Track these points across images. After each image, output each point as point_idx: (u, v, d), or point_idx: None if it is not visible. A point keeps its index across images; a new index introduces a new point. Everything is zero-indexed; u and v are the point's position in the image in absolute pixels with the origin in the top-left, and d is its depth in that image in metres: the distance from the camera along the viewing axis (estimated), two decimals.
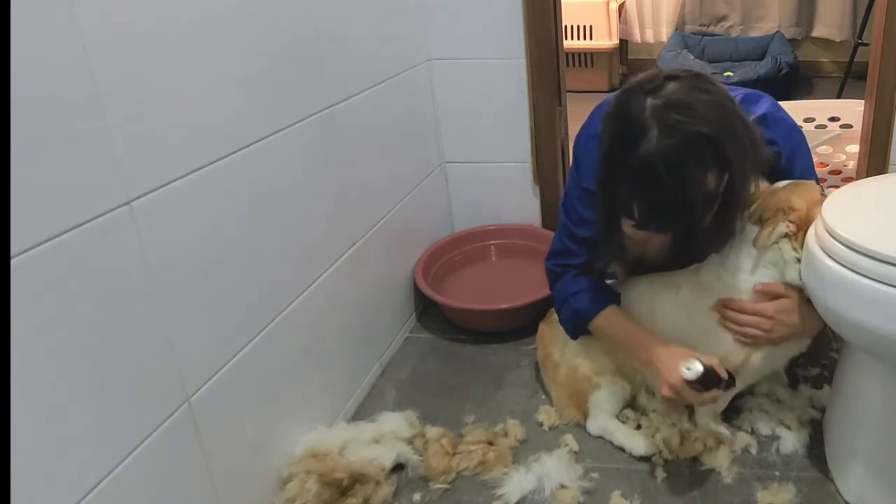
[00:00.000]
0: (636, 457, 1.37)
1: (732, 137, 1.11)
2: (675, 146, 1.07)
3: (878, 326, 1.04)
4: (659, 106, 1.09)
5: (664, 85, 1.11)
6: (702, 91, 1.11)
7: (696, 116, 1.08)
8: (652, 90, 1.10)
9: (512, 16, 1.80)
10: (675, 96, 1.09)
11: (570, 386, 1.46)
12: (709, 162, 1.10)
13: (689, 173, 1.09)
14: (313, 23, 1.34)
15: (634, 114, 1.10)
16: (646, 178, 1.09)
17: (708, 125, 1.08)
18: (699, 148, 1.08)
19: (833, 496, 1.27)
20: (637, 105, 1.10)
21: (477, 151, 1.98)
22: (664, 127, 1.07)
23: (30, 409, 0.81)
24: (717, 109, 1.11)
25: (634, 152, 1.09)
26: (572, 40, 3.82)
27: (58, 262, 0.83)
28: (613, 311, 1.38)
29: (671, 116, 1.08)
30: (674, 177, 1.08)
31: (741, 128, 1.14)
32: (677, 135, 1.07)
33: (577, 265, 1.42)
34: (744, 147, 1.13)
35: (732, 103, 1.15)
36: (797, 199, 1.24)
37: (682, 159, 1.08)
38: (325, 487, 1.24)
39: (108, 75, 0.89)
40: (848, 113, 2.46)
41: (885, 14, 1.63)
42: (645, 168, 1.08)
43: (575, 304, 1.40)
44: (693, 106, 1.08)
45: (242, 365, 1.17)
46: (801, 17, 3.85)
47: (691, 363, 1.19)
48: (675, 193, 1.09)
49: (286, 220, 1.28)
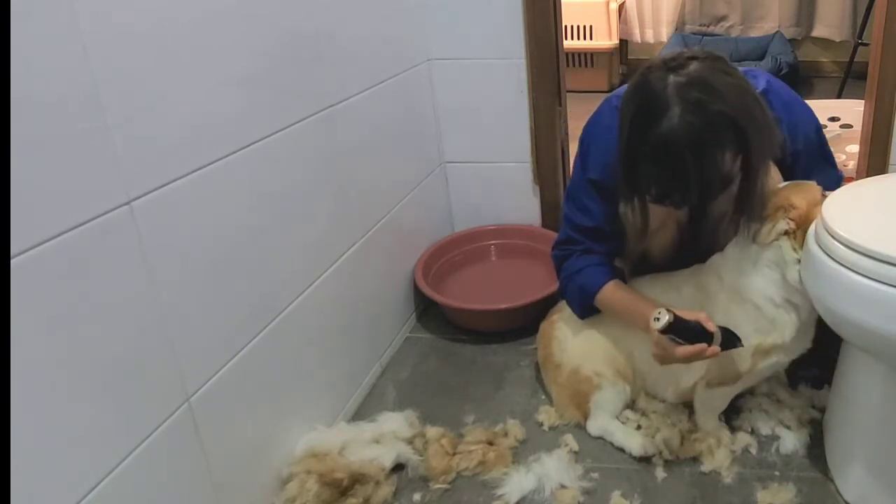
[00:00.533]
0: (636, 457, 1.37)
1: (752, 120, 1.12)
2: (697, 123, 1.08)
3: (878, 326, 1.04)
4: (682, 83, 1.09)
5: (687, 63, 1.12)
6: (724, 72, 1.12)
7: (719, 96, 1.09)
8: (675, 68, 1.11)
9: (512, 16, 1.80)
10: (697, 74, 1.10)
11: (571, 387, 1.46)
12: (728, 142, 1.11)
13: (709, 151, 1.10)
14: (313, 23, 1.34)
15: (657, 90, 1.11)
16: (666, 154, 1.10)
17: (729, 106, 1.09)
18: (720, 127, 1.09)
19: (833, 496, 1.27)
20: (660, 82, 1.11)
21: (477, 151, 1.98)
22: (687, 104, 1.08)
23: (30, 409, 0.81)
24: (737, 91, 1.12)
25: (656, 128, 1.09)
26: (572, 40, 3.82)
27: (58, 262, 0.83)
28: (616, 284, 1.39)
29: (694, 94, 1.08)
30: (694, 153, 1.09)
31: (759, 112, 1.15)
32: (699, 112, 1.08)
33: (580, 249, 1.43)
34: (761, 131, 1.14)
35: (751, 87, 1.16)
36: (797, 197, 1.25)
37: (703, 137, 1.09)
38: (325, 487, 1.24)
39: (108, 75, 0.89)
40: (848, 113, 2.46)
41: (885, 14, 1.63)
42: (666, 143, 1.09)
43: (579, 281, 1.41)
44: (716, 85, 1.09)
45: (242, 365, 1.17)
46: (801, 17, 3.86)
47: (660, 313, 1.19)
48: (694, 170, 1.10)
49: (286, 220, 1.28)
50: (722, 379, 1.33)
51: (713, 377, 1.34)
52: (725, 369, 1.31)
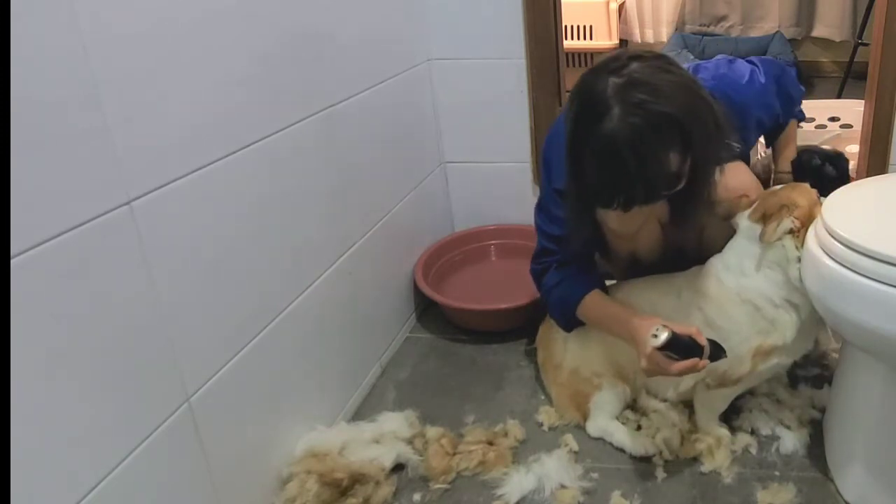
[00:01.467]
0: (636, 457, 1.37)
1: (696, 119, 1.11)
2: (638, 124, 1.07)
3: (878, 326, 1.05)
4: (621, 84, 1.08)
5: (628, 64, 1.11)
6: (665, 71, 1.11)
7: (660, 96, 1.08)
8: (615, 69, 1.11)
9: (512, 16, 1.80)
10: (638, 75, 1.09)
11: (571, 387, 1.46)
12: (671, 142, 1.10)
13: (652, 151, 1.09)
14: (313, 23, 1.34)
15: (597, 92, 1.10)
16: (608, 156, 1.09)
17: (671, 104, 1.08)
18: (662, 127, 1.08)
19: (833, 496, 1.27)
20: (600, 84, 1.10)
21: (477, 151, 1.98)
22: (627, 105, 1.07)
23: (30, 408, 0.81)
24: (681, 90, 1.10)
25: (597, 130, 1.09)
26: (572, 40, 3.81)
27: (58, 262, 0.83)
28: (596, 295, 1.38)
29: (635, 95, 1.07)
30: (636, 154, 1.08)
31: (705, 111, 1.13)
32: (640, 113, 1.07)
33: (556, 261, 1.43)
34: (707, 130, 1.13)
35: (696, 86, 1.15)
36: (800, 197, 1.25)
37: (645, 137, 1.07)
38: (325, 487, 1.24)
39: (108, 75, 0.89)
40: (848, 113, 2.46)
41: (885, 14, 1.63)
42: (607, 145, 1.08)
43: (559, 294, 1.41)
44: (657, 85, 1.08)
45: (242, 365, 1.17)
46: (801, 17, 3.85)
47: (659, 330, 1.18)
48: (638, 171, 1.09)
49: (286, 219, 1.28)
50: (722, 381, 1.33)
51: (714, 379, 1.34)
52: (726, 372, 1.31)
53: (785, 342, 1.27)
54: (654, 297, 1.38)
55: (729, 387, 1.34)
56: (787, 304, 1.26)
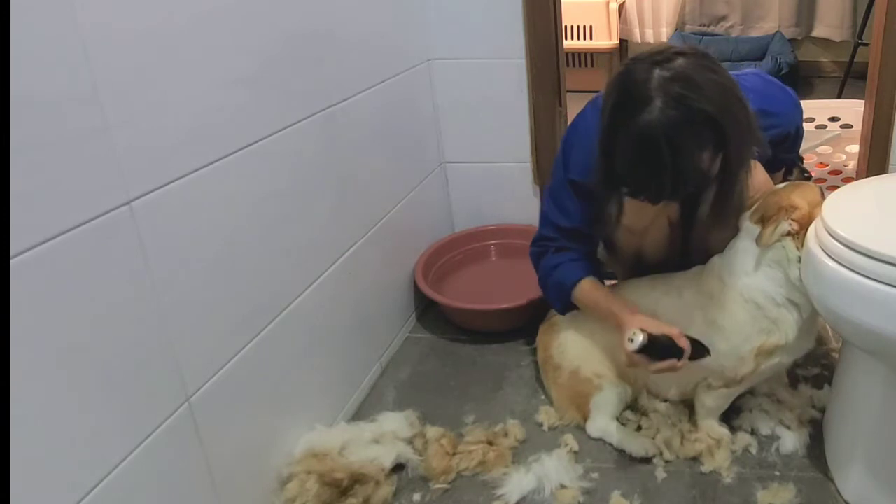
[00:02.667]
0: (636, 458, 1.37)
1: (733, 120, 1.12)
2: (678, 118, 1.08)
3: (878, 326, 1.04)
4: (666, 78, 1.10)
5: (673, 59, 1.12)
6: (709, 70, 1.13)
7: (702, 93, 1.09)
8: (661, 62, 1.12)
9: (512, 16, 1.80)
10: (682, 70, 1.10)
11: (571, 388, 1.46)
12: (707, 139, 1.11)
13: (687, 147, 1.10)
14: (313, 23, 1.34)
15: (640, 82, 1.11)
16: (644, 146, 1.11)
17: (712, 104, 1.10)
18: (700, 124, 1.10)
19: (833, 496, 1.27)
20: (644, 74, 1.11)
21: (477, 151, 1.98)
22: (668, 98, 1.09)
23: (30, 409, 0.80)
24: (721, 90, 1.12)
25: (636, 119, 1.10)
26: (572, 40, 3.81)
27: (58, 262, 0.83)
28: (591, 282, 1.39)
29: (676, 89, 1.09)
30: (672, 148, 1.09)
31: (742, 113, 1.15)
32: (681, 108, 1.08)
33: (555, 246, 1.44)
34: (742, 132, 1.15)
35: (736, 88, 1.16)
36: (799, 198, 1.25)
37: (682, 132, 1.09)
38: (325, 487, 1.24)
39: (108, 75, 0.89)
40: (848, 113, 2.46)
41: (885, 14, 1.63)
42: (645, 136, 1.10)
43: (556, 277, 1.42)
44: (699, 83, 1.10)
45: (242, 365, 1.17)
46: (801, 17, 3.85)
47: (635, 334, 1.21)
48: (670, 164, 1.10)
49: (286, 220, 1.28)
50: (725, 381, 1.33)
51: (716, 379, 1.34)
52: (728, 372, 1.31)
53: (787, 341, 1.27)
54: (656, 296, 1.38)
55: (731, 387, 1.34)
56: (788, 303, 1.26)
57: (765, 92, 1.41)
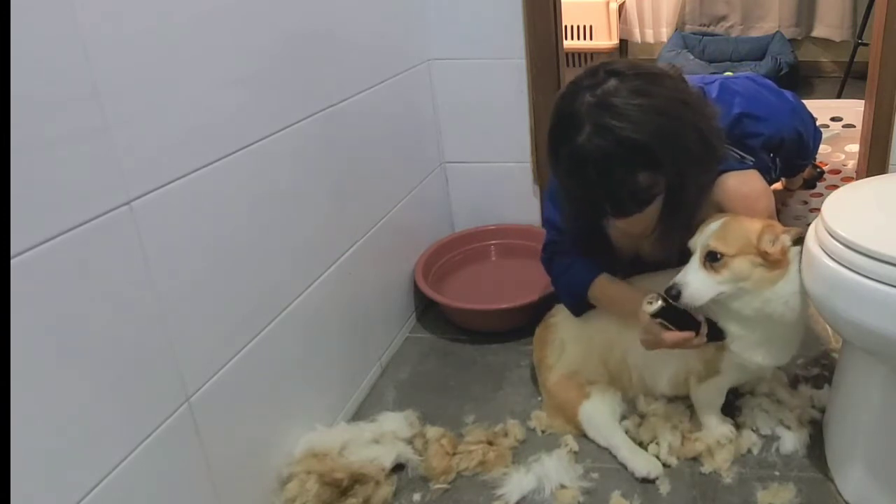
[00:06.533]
0: (638, 478, 1.32)
1: (669, 142, 1.13)
2: (604, 146, 1.11)
3: (878, 326, 1.04)
4: (593, 104, 1.12)
5: (605, 81, 1.14)
6: (641, 95, 1.12)
7: (628, 121, 1.10)
8: (591, 86, 1.14)
9: (512, 16, 1.80)
10: (609, 98, 1.12)
11: (559, 395, 1.45)
12: (639, 164, 1.13)
13: (618, 173, 1.13)
14: (313, 23, 1.34)
15: (573, 108, 1.14)
16: (576, 170, 1.16)
17: (639, 131, 1.10)
18: (627, 151, 1.11)
19: (833, 496, 1.27)
20: (576, 99, 1.14)
21: (477, 151, 1.98)
22: (596, 126, 1.11)
23: (30, 409, 0.80)
24: (654, 113, 1.12)
25: (568, 144, 1.14)
26: (572, 40, 3.81)
27: (58, 262, 0.83)
28: (604, 278, 1.40)
29: (604, 118, 1.11)
30: (600, 173, 1.13)
31: (685, 133, 1.14)
32: (607, 136, 1.11)
33: (560, 250, 1.46)
34: (685, 151, 1.15)
35: (681, 106, 1.15)
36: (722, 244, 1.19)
37: (610, 159, 1.12)
38: (325, 487, 1.24)
39: (108, 75, 0.89)
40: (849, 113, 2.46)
41: (885, 14, 1.63)
42: (574, 161, 1.14)
43: (568, 279, 1.43)
44: (625, 111, 1.11)
45: (242, 365, 1.17)
46: (801, 17, 3.85)
47: (652, 297, 1.21)
48: (603, 186, 1.15)
49: (286, 219, 1.28)
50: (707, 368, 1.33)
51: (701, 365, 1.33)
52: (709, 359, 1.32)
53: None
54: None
55: (714, 377, 1.33)
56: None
57: (754, 96, 1.40)
